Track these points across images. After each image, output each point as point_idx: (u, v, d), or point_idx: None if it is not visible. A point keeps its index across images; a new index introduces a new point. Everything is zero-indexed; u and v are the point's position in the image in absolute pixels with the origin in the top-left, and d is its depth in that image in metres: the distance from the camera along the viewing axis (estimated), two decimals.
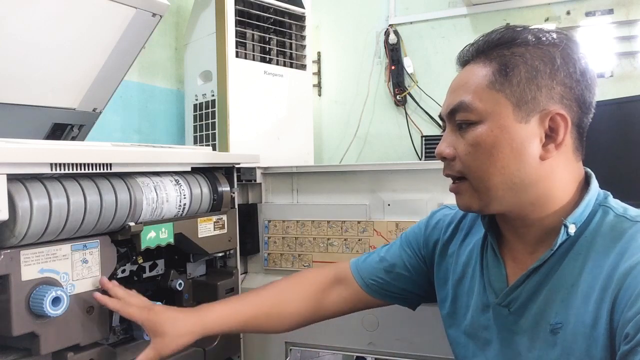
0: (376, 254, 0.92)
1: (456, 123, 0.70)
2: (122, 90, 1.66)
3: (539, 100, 0.65)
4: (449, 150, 0.71)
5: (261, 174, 1.33)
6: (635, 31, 1.82)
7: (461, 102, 0.69)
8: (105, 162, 0.79)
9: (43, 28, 0.97)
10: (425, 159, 1.94)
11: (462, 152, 0.69)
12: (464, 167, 0.69)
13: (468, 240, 0.82)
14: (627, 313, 0.56)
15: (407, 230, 0.93)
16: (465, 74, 0.71)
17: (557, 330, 0.64)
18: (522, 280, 0.69)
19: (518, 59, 0.66)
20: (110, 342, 0.89)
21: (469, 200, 0.71)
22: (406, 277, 0.88)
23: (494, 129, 0.66)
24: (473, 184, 0.69)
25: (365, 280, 0.89)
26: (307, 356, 1.27)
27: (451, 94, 0.72)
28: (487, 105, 0.67)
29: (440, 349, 1.03)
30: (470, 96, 0.68)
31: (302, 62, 1.91)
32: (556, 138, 0.66)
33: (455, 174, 0.71)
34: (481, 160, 0.67)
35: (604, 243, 0.64)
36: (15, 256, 0.69)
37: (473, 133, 0.68)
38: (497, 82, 0.66)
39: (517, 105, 0.65)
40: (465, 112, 0.68)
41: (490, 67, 0.67)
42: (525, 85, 0.65)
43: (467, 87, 0.69)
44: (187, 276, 1.04)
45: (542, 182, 0.67)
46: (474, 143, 0.68)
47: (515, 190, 0.67)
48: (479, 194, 0.69)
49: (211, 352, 1.02)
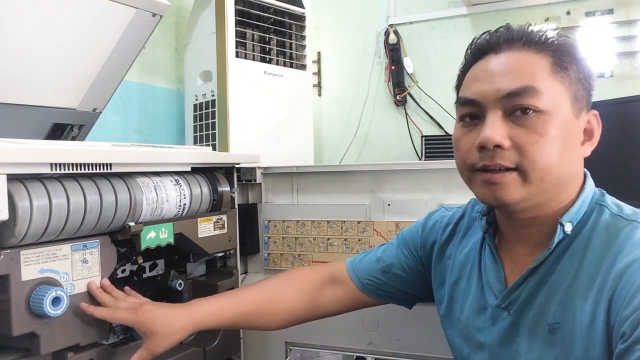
0: (373, 253, 0.92)
1: (514, 108, 0.64)
2: (122, 90, 1.66)
3: (584, 99, 0.66)
4: (505, 140, 0.64)
5: (261, 174, 1.33)
6: (635, 31, 1.82)
7: (528, 87, 0.63)
8: (105, 162, 0.79)
9: (43, 28, 0.97)
10: (425, 159, 1.94)
11: (525, 141, 0.63)
12: (525, 157, 0.63)
13: (465, 242, 0.81)
14: (623, 312, 0.57)
15: (404, 230, 0.93)
16: (514, 60, 0.66)
17: (556, 330, 0.64)
18: (521, 281, 0.69)
19: (569, 56, 0.66)
20: (110, 342, 0.89)
21: (514, 192, 0.64)
22: (402, 277, 0.88)
23: (561, 120, 0.64)
24: (527, 175, 0.64)
25: (362, 280, 0.89)
26: (307, 356, 1.27)
27: (503, 77, 0.65)
28: (553, 94, 0.64)
29: (440, 349, 1.03)
30: (536, 83, 0.63)
31: (302, 62, 1.91)
32: (592, 137, 0.67)
33: (510, 164, 0.64)
34: (548, 151, 0.63)
35: (600, 242, 0.64)
36: (15, 256, 0.69)
37: (541, 121, 0.63)
38: (559, 74, 0.65)
39: (574, 100, 0.65)
40: (533, 97, 0.63)
41: (546, 58, 0.65)
42: (578, 82, 0.66)
43: (525, 72, 0.64)
44: (187, 276, 1.04)
45: (575, 180, 0.68)
46: (543, 132, 0.63)
47: (561, 185, 0.66)
48: (530, 186, 0.64)
49: (211, 352, 1.02)
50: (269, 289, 0.90)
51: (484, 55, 0.69)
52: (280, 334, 1.24)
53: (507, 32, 0.68)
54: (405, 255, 0.89)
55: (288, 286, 0.91)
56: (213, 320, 0.84)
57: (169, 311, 0.82)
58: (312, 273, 0.93)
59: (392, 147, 2.20)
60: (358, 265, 0.91)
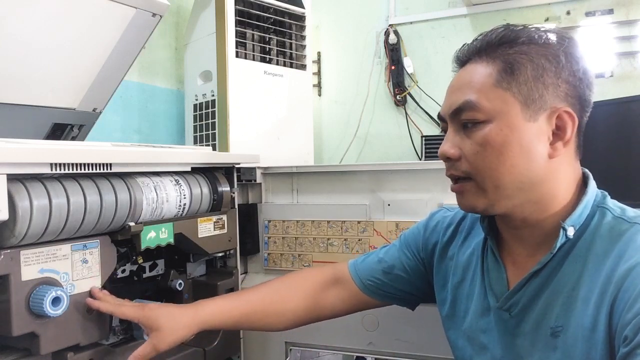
0: (375, 255, 0.92)
1: (461, 123, 0.69)
2: (122, 90, 1.66)
3: (546, 99, 0.65)
4: (453, 151, 0.69)
5: (261, 174, 1.33)
6: (635, 31, 1.82)
7: (467, 101, 0.67)
8: (105, 162, 0.79)
9: (43, 28, 0.97)
10: (425, 159, 1.94)
11: (469, 152, 0.68)
12: (471, 167, 0.68)
13: (468, 243, 0.81)
14: (625, 315, 0.56)
15: (406, 231, 0.93)
16: (466, 73, 0.70)
17: (558, 333, 0.64)
18: (522, 284, 0.69)
19: (524, 57, 0.66)
20: (110, 342, 0.89)
21: (473, 200, 0.69)
22: (404, 278, 0.88)
23: (502, 127, 0.65)
24: (480, 184, 0.68)
25: (364, 281, 0.89)
26: (307, 356, 1.27)
27: (453, 94, 0.71)
28: (495, 104, 0.66)
29: (440, 349, 1.03)
30: (477, 95, 0.67)
31: (302, 62, 1.91)
32: (564, 136, 0.66)
33: (461, 174, 0.70)
34: (490, 159, 0.66)
35: (602, 245, 0.64)
36: (15, 256, 0.69)
37: (481, 132, 0.67)
38: (504, 81, 0.66)
39: (524, 104, 0.65)
40: (472, 111, 0.67)
41: (494, 66, 0.67)
42: (532, 84, 0.65)
43: (471, 86, 0.68)
44: (187, 276, 1.04)
45: (548, 181, 0.67)
46: (482, 142, 0.66)
47: (523, 189, 0.66)
48: (486, 193, 0.68)
49: (211, 352, 1.02)
50: (273, 290, 0.91)
51: (457, 69, 0.74)
52: (280, 334, 1.24)
53: (473, 43, 0.71)
54: (407, 256, 0.89)
55: (292, 287, 0.91)
56: (218, 320, 0.85)
57: (175, 309, 0.83)
58: (315, 274, 0.93)
59: (392, 147, 2.20)
60: (360, 266, 0.91)
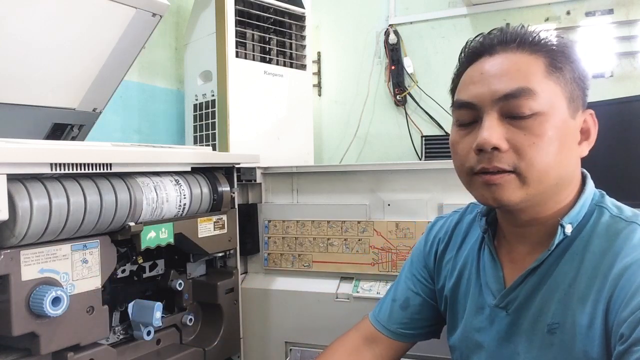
0: (388, 297, 0.90)
1: (510, 110, 0.64)
2: (122, 90, 1.66)
3: (580, 99, 0.66)
4: (502, 142, 0.63)
5: (261, 174, 1.33)
6: (635, 31, 1.82)
7: (524, 88, 0.63)
8: (105, 162, 0.79)
9: (43, 28, 0.97)
10: (425, 159, 1.94)
11: (523, 143, 0.63)
12: (522, 159, 0.63)
13: (464, 246, 0.82)
14: (621, 313, 0.57)
15: (410, 256, 0.92)
16: (509, 61, 0.65)
17: (554, 330, 0.64)
18: (519, 282, 0.69)
19: (563, 56, 0.66)
20: (110, 342, 0.89)
21: (512, 193, 0.64)
22: (421, 305, 0.86)
23: (557, 121, 0.64)
24: (525, 177, 0.63)
25: (392, 329, 0.87)
26: (307, 356, 1.27)
27: (499, 79, 0.65)
28: (549, 95, 0.64)
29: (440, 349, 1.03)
30: (532, 84, 0.63)
31: (302, 62, 1.91)
32: (589, 137, 0.67)
33: (508, 167, 0.63)
34: (546, 152, 0.63)
35: (599, 244, 0.64)
36: (15, 256, 0.69)
37: (538, 123, 0.63)
38: (554, 75, 0.65)
39: (570, 100, 0.65)
40: (528, 99, 0.62)
41: (540, 59, 0.65)
42: (573, 83, 0.66)
43: (520, 73, 0.64)
44: (187, 276, 1.04)
45: (573, 180, 0.68)
46: (540, 134, 0.62)
47: (559, 185, 0.66)
48: (528, 187, 0.64)
49: (211, 352, 1.02)
50: None
51: (478, 58, 0.69)
52: (280, 334, 1.25)
53: (501, 34, 0.68)
54: (414, 280, 0.88)
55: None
56: None
57: None
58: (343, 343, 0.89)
59: (392, 147, 2.20)
60: (382, 317, 0.88)
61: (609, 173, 0.99)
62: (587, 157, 0.71)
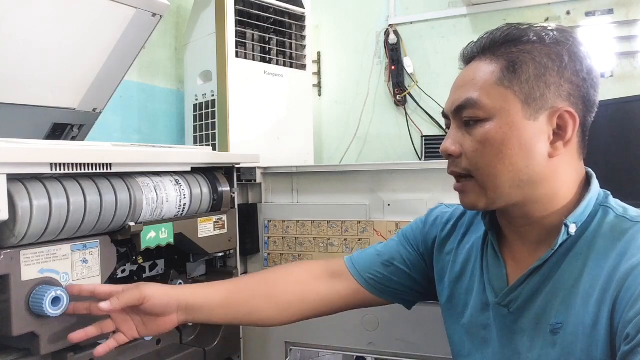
0: (372, 249, 0.90)
1: (463, 120, 0.69)
2: (122, 90, 1.66)
3: (547, 98, 0.65)
4: (454, 148, 0.70)
5: (261, 174, 1.33)
6: (635, 31, 1.82)
7: (469, 99, 0.68)
8: (105, 162, 0.79)
9: (43, 28, 0.97)
10: (425, 159, 1.94)
11: (469, 149, 0.68)
12: (470, 164, 0.69)
13: (467, 239, 0.82)
14: (627, 314, 0.57)
15: (404, 228, 0.93)
16: (470, 71, 0.70)
17: (557, 330, 0.64)
18: (522, 280, 0.69)
19: (526, 56, 0.66)
20: None
21: (475, 198, 0.70)
22: (404, 272, 0.87)
23: (502, 125, 0.66)
24: (480, 182, 0.68)
25: (363, 274, 0.87)
26: (307, 356, 1.27)
27: (456, 91, 0.71)
28: (496, 102, 0.66)
29: (440, 349, 1.03)
30: (478, 93, 0.67)
31: (302, 62, 1.91)
32: (564, 136, 0.66)
33: (461, 171, 0.70)
34: (489, 157, 0.67)
35: (604, 244, 0.64)
36: (15, 256, 0.69)
37: (481, 130, 0.67)
38: (506, 79, 0.66)
39: (525, 103, 0.65)
40: (473, 108, 0.68)
41: (497, 64, 0.67)
42: (534, 83, 0.65)
43: (473, 83, 0.68)
44: (187, 276, 1.04)
45: (548, 180, 0.67)
46: (482, 140, 0.67)
47: (523, 187, 0.67)
48: (486, 191, 0.68)
49: (211, 352, 1.02)
50: (261, 275, 0.90)
51: (462, 67, 0.74)
52: (280, 334, 1.25)
53: (479, 41, 0.71)
54: (407, 250, 0.88)
55: (282, 273, 0.89)
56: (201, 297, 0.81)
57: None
58: (308, 264, 0.92)
59: (392, 147, 2.20)
60: (357, 260, 0.89)
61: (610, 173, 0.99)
62: (587, 156, 0.71)
